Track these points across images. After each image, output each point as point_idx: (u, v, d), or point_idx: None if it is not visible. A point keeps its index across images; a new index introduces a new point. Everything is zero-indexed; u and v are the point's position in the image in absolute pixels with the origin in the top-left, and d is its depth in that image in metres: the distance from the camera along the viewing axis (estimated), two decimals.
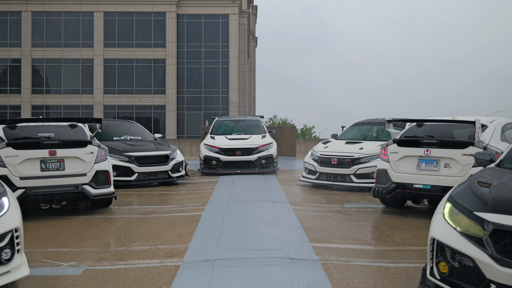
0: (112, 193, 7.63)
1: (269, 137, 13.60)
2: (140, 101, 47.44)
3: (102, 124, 12.07)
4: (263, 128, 14.27)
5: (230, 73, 47.73)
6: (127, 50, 47.51)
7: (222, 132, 13.98)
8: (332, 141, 11.10)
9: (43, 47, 47.61)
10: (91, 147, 7.37)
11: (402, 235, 5.97)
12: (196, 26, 48.36)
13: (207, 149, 12.96)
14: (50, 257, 5.05)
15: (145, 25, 47.80)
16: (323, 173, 10.23)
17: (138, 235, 5.98)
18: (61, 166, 7.09)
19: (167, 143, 11.75)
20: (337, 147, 10.51)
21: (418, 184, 6.98)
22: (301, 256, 4.89)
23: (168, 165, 10.92)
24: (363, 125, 11.48)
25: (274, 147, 13.22)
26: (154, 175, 10.82)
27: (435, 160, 6.92)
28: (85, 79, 47.74)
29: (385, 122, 7.86)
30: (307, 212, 7.41)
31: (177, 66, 47.78)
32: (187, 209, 7.79)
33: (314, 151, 10.66)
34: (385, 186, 7.32)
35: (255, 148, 12.84)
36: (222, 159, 12.73)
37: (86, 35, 47.78)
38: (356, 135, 11.18)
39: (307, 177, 10.60)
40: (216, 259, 4.72)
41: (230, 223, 6.41)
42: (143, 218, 7.10)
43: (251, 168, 12.79)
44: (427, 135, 7.39)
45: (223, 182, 11.17)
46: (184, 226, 6.42)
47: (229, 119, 14.93)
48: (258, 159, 12.79)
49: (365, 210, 7.70)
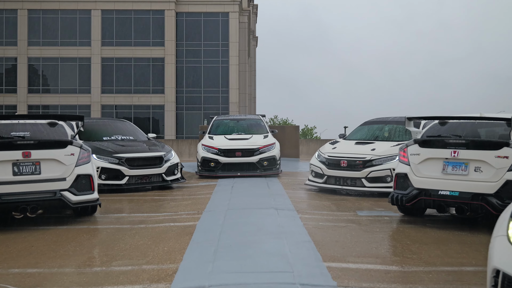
0: (95, 200, 6.75)
1: (271, 137, 12.72)
2: (138, 100, 46.58)
3: (92, 122, 11.25)
4: (265, 128, 13.39)
5: (230, 72, 46.86)
6: (125, 49, 46.68)
7: (221, 132, 13.09)
8: (341, 142, 10.22)
9: (40, 45, 46.78)
10: (72, 148, 6.50)
11: (430, 251, 5.10)
12: (196, 24, 47.51)
13: (205, 150, 12.07)
14: (11, 280, 4.17)
15: (143, 24, 46.96)
16: (331, 176, 9.35)
17: (121, 251, 5.11)
18: (37, 169, 6.22)
19: (161, 144, 10.87)
20: (347, 148, 9.63)
21: (444, 191, 6.10)
22: (315, 281, 4.02)
23: (162, 168, 10.04)
24: (374, 124, 10.59)
25: (277, 148, 12.33)
26: (146, 179, 9.94)
27: (464, 163, 6.04)
28: (83, 78, 46.89)
29: (405, 120, 6.97)
30: (317, 222, 6.54)
31: (176, 65, 46.93)
32: (181, 218, 6.91)
33: (322, 153, 9.77)
34: (406, 193, 6.44)
35: (257, 149, 11.96)
36: (221, 161, 11.84)
37: (83, 33, 46.94)
38: (366, 135, 10.30)
39: (314, 180, 9.71)
40: (211, 286, 3.85)
41: (228, 236, 5.54)
42: (130, 229, 6.22)
43: (252, 170, 11.90)
44: (453, 134, 6.51)
45: (222, 186, 10.30)
46: (176, 239, 5.55)
47: (228, 118, 14.03)
48: (259, 160, 11.90)
49: (382, 219, 6.83)
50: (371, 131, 10.37)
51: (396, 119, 10.38)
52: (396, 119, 10.41)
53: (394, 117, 10.59)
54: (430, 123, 7.28)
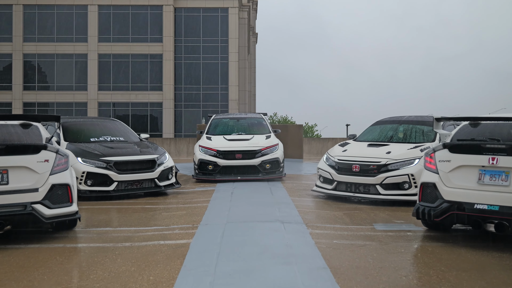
0: (74, 213, 5.84)
1: (274, 138, 11.81)
2: (136, 98, 45.63)
3: (78, 122, 10.31)
4: (267, 127, 12.48)
5: (229, 69, 45.90)
6: (122, 45, 45.72)
7: (220, 132, 12.18)
8: (351, 143, 9.31)
9: (35, 41, 45.82)
10: (46, 154, 5.59)
11: (473, 281, 4.19)
12: (194, 20, 46.53)
13: (203, 152, 11.16)
14: None
15: (141, 19, 45.98)
16: (342, 182, 8.44)
17: (98, 281, 4.20)
18: (4, 179, 5.32)
19: (155, 145, 9.96)
20: (359, 150, 8.72)
21: (481, 204, 5.20)
22: None
23: (155, 172, 9.14)
24: (387, 124, 9.69)
25: (280, 149, 11.42)
26: (137, 184, 9.03)
27: (504, 171, 5.14)
28: (79, 75, 45.95)
29: (433, 120, 6.06)
30: (330, 239, 5.64)
31: (174, 61, 45.98)
32: (173, 234, 6.00)
33: (331, 156, 8.86)
34: (434, 206, 5.54)
35: (259, 151, 11.05)
36: (219, 164, 10.93)
37: (80, 29, 45.97)
38: (379, 136, 9.40)
39: (322, 186, 8.81)
40: None
41: (227, 260, 4.64)
42: (113, 249, 5.31)
43: (254, 174, 10.99)
44: (490, 137, 5.60)
45: (220, 191, 9.40)
46: (165, 264, 4.65)
47: (228, 116, 13.10)
48: (262, 163, 10.99)
49: (404, 235, 5.92)
50: (384, 132, 9.47)
51: (411, 119, 9.49)
52: (411, 118, 9.52)
53: (408, 116, 9.69)
54: (459, 124, 6.37)
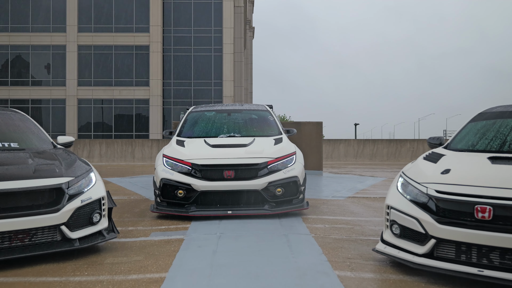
0: None
1: (288, 142, 7.25)
2: (120, 94, 41.16)
3: None
4: (275, 126, 7.88)
5: (224, 62, 41.47)
6: (105, 35, 41.35)
7: (199, 133, 7.60)
8: (450, 156, 4.75)
9: (8, 32, 41.47)
10: None
11: None
12: (185, 7, 42.10)
13: (169, 167, 6.59)
14: None
15: (125, 7, 41.59)
16: (450, 241, 3.89)
17: None
18: None
19: (73, 158, 5.36)
20: (475, 171, 4.17)
21: None
22: None
23: (59, 213, 4.55)
24: (505, 119, 5.15)
25: (299, 161, 6.83)
26: (24, 238, 4.45)
27: None
28: (56, 69, 41.58)
29: None
30: None
31: (162, 53, 41.64)
32: None
33: (415, 181, 4.30)
34: None
35: (263, 165, 6.46)
36: (196, 188, 6.33)
37: (57, 18, 41.61)
38: (495, 139, 4.88)
39: (400, 247, 4.23)
40: None
41: None
42: None
43: (255, 205, 6.43)
44: None
45: (193, 245, 4.86)
46: None
47: (213, 108, 8.34)
48: (269, 186, 6.40)
49: None
50: (504, 132, 4.94)
51: None
52: None
53: None
54: None
